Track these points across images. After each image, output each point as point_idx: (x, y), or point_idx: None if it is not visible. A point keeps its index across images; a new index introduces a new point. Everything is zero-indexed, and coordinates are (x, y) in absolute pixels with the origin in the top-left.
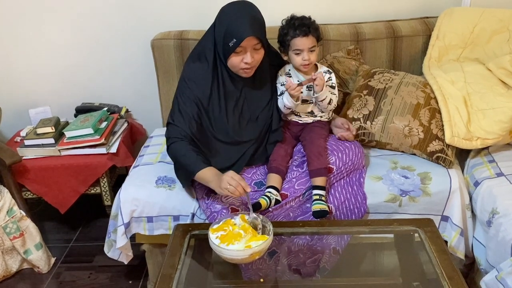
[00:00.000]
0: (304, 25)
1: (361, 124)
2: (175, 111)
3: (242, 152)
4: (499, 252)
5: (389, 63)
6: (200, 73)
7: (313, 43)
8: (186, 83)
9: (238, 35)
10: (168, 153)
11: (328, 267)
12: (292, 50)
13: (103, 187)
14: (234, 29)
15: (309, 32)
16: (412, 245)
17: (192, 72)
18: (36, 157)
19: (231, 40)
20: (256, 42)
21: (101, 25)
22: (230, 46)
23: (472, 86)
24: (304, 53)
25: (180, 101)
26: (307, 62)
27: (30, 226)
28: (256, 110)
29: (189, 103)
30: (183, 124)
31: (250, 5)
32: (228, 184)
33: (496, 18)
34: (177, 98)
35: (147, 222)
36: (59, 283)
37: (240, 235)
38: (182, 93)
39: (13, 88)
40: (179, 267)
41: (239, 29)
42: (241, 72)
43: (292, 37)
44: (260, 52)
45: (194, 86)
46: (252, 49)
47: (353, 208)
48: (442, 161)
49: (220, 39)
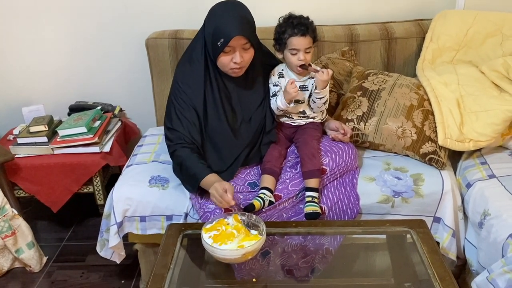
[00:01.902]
0: (302, 25)
1: (354, 125)
2: (173, 116)
3: (236, 154)
4: (490, 253)
5: (383, 65)
6: (193, 76)
7: (310, 43)
8: (180, 86)
9: (226, 35)
10: (172, 159)
11: (321, 267)
12: (288, 49)
13: (96, 186)
14: (222, 29)
15: (307, 32)
16: (404, 246)
17: (185, 75)
18: (29, 155)
19: (219, 39)
20: (245, 42)
21: (95, 24)
22: (218, 45)
23: (465, 88)
24: (300, 53)
25: (176, 105)
26: (302, 62)
27: (22, 225)
28: (249, 111)
29: (186, 107)
30: (183, 129)
31: (239, 5)
32: (213, 196)
33: (490, 21)
34: (172, 102)
35: (140, 221)
36: (51, 283)
37: (233, 235)
38: (177, 97)
39: (6, 86)
40: (172, 267)
41: (227, 29)
42: (230, 72)
43: (290, 36)
44: (249, 51)
45: (188, 89)
46: (241, 49)
47: (346, 209)
48: (434, 163)
49: (209, 39)
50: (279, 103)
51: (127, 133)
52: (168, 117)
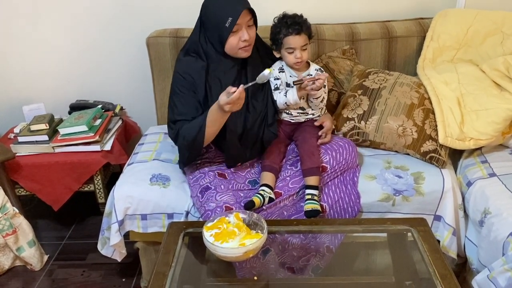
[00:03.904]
0: (296, 24)
1: (355, 124)
2: (177, 106)
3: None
4: (491, 252)
5: (384, 64)
6: (194, 67)
7: (305, 41)
8: (182, 76)
9: (233, 13)
10: (177, 144)
11: (322, 265)
12: (285, 48)
13: (97, 184)
14: (227, 9)
15: (301, 31)
16: (405, 244)
17: (186, 66)
18: (30, 154)
19: (226, 20)
20: (249, 18)
21: (96, 22)
22: (226, 27)
23: (466, 87)
24: (297, 51)
25: (179, 94)
26: (300, 60)
27: (23, 223)
28: (250, 100)
29: (189, 93)
30: (188, 112)
31: None
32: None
33: (490, 20)
34: (176, 92)
35: (141, 219)
36: (52, 281)
37: (234, 233)
38: (181, 86)
39: (7, 84)
40: (173, 265)
41: (231, 7)
42: (240, 52)
43: (285, 35)
44: (253, 28)
45: (190, 78)
46: (246, 26)
47: (346, 207)
48: (435, 161)
49: (213, 26)
50: (289, 98)
51: (128, 131)
52: (172, 111)
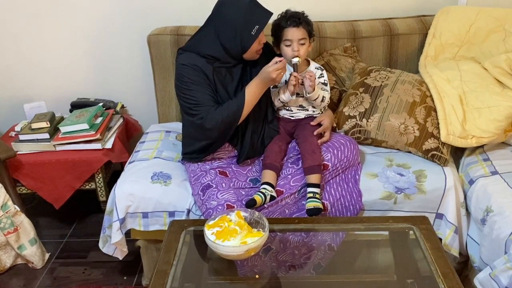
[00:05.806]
0: (295, 17)
1: (357, 122)
2: (195, 96)
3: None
4: (493, 250)
5: (386, 61)
6: (199, 60)
7: (304, 35)
8: (190, 66)
9: (261, 21)
10: (209, 126)
11: (323, 263)
12: (283, 41)
13: (98, 182)
14: (252, 18)
15: (300, 24)
16: (407, 242)
17: (191, 58)
18: (31, 152)
19: (252, 28)
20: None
21: (97, 20)
22: (252, 35)
23: (468, 84)
24: (294, 44)
25: (193, 83)
26: (296, 53)
27: (24, 221)
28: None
29: (204, 81)
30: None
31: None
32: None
33: (492, 17)
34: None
35: (142, 217)
36: (53, 279)
37: (236, 232)
38: (193, 75)
39: (8, 82)
40: (174, 263)
41: (257, 16)
42: (255, 55)
43: (283, 28)
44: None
45: (198, 68)
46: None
47: (348, 205)
48: (437, 159)
49: (234, 32)
50: (281, 95)
51: (129, 129)
52: (189, 107)
